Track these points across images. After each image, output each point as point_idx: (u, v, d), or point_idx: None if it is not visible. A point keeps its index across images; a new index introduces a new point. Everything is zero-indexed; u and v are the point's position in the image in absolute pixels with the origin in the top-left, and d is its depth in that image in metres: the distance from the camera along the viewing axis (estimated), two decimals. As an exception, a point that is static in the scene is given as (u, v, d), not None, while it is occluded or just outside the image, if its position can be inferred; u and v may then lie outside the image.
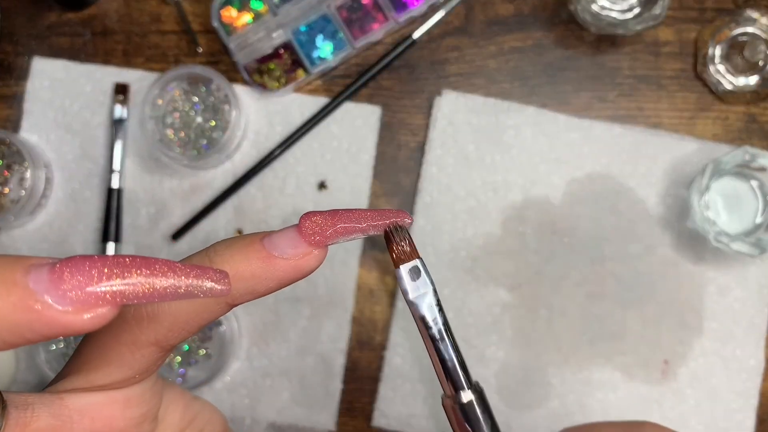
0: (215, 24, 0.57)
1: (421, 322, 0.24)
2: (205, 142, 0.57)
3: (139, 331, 0.21)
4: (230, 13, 0.58)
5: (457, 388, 0.25)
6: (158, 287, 0.17)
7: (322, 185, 0.58)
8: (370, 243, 0.58)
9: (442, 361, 0.24)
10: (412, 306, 0.24)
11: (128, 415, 0.22)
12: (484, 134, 0.58)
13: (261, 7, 0.58)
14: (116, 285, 0.16)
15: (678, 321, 0.56)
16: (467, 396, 0.25)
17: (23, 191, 0.57)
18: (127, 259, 0.16)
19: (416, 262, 0.24)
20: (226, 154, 0.57)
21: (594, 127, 0.58)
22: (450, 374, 0.25)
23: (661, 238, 0.57)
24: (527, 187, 0.57)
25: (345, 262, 0.58)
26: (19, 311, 0.15)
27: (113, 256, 0.16)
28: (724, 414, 0.56)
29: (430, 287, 0.24)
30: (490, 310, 0.57)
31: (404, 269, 0.24)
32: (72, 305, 0.16)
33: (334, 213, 0.22)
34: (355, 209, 0.23)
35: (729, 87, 0.57)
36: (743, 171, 0.55)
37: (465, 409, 0.25)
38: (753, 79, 0.57)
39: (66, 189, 0.59)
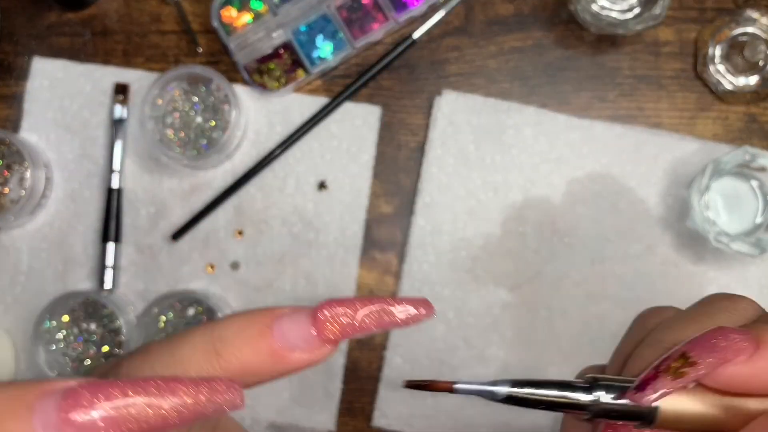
0: (215, 24, 0.57)
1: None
2: (205, 142, 0.57)
3: None
4: (230, 13, 0.58)
5: (580, 408, 0.23)
6: (167, 415, 0.16)
7: (322, 185, 0.58)
8: (370, 243, 0.58)
9: (551, 409, 0.23)
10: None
11: None
12: (484, 134, 0.58)
13: (261, 7, 0.58)
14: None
15: (678, 321, 0.56)
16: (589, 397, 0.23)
17: (23, 191, 0.56)
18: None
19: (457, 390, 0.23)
20: (226, 154, 0.57)
21: (594, 127, 0.58)
22: (566, 408, 0.23)
23: (661, 238, 0.57)
24: (527, 187, 0.57)
25: (345, 262, 0.58)
26: None
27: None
28: (724, 414, 0.56)
29: (488, 393, 0.23)
30: (490, 310, 0.57)
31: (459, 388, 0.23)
32: None
33: (353, 308, 0.20)
34: (378, 305, 0.20)
35: (729, 87, 0.57)
36: (743, 171, 0.55)
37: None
38: (753, 79, 0.57)
39: (66, 189, 0.59)
